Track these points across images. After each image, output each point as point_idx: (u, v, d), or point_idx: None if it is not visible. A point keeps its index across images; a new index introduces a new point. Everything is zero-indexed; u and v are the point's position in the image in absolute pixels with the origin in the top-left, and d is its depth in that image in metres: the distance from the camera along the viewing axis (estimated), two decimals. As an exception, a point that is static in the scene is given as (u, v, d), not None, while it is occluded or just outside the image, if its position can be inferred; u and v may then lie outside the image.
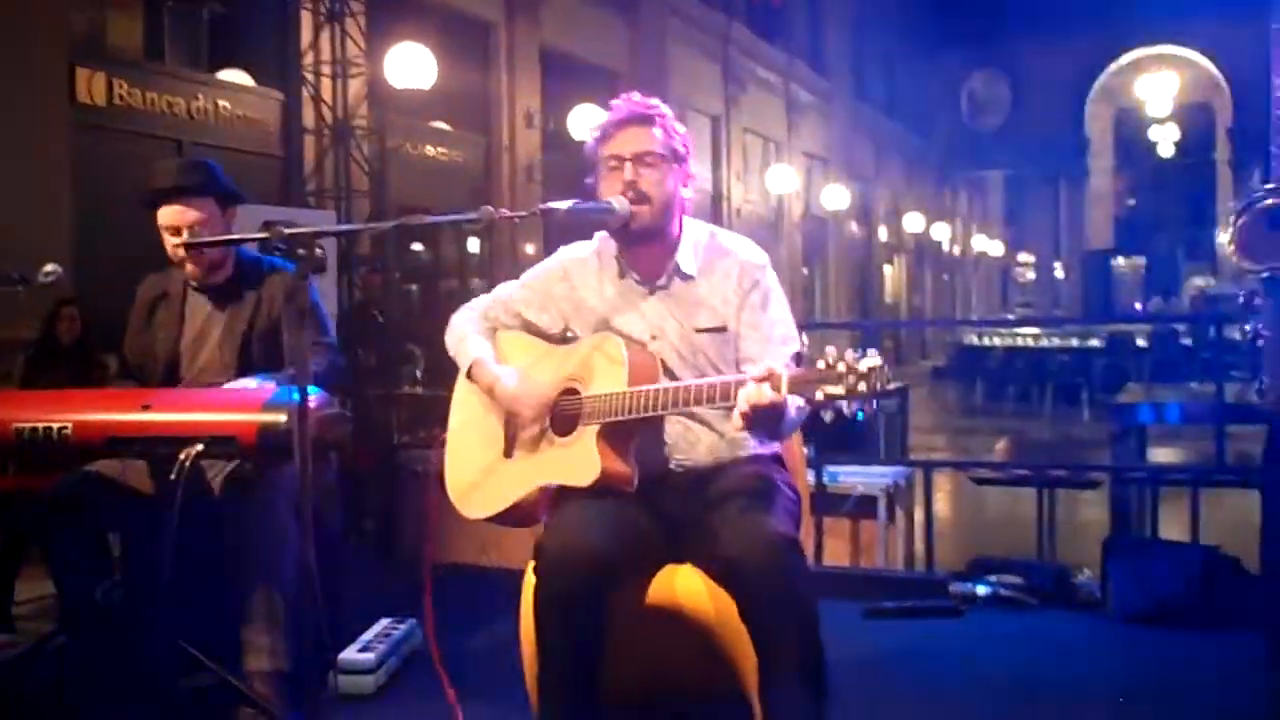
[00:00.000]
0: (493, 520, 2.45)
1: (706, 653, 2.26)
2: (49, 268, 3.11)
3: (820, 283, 20.40)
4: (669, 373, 2.33)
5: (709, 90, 15.45)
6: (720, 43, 15.76)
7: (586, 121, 11.79)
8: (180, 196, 3.01)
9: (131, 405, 2.71)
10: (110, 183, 6.61)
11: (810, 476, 4.38)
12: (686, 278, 2.39)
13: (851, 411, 1.94)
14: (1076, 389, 13.52)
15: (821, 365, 1.93)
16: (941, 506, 6.83)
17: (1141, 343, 13.93)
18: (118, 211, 6.30)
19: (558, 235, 2.56)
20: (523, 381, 2.41)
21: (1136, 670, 3.34)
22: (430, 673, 3.15)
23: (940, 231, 27.39)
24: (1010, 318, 26.15)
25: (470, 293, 2.80)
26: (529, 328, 2.55)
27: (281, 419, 2.55)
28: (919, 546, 5.17)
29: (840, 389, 1.90)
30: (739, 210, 16.06)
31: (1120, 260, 25.67)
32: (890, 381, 1.93)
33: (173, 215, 3.01)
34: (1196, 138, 26.63)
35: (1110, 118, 28.21)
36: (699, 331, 2.36)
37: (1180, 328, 13.76)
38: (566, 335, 2.50)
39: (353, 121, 8.25)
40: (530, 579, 2.22)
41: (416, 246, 10.89)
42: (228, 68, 8.33)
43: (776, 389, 1.96)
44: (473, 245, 11.46)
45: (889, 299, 25.04)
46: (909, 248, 26.33)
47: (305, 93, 8.35)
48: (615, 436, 2.23)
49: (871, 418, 5.99)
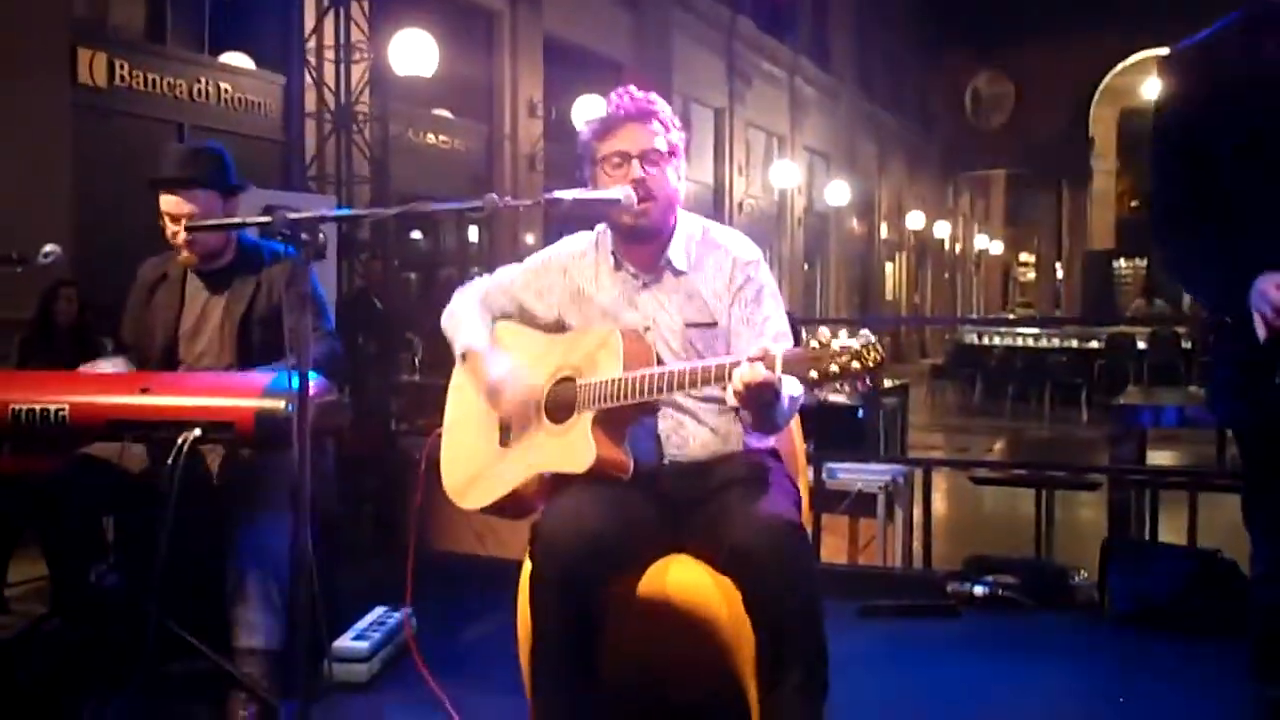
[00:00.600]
0: (489, 511, 2.44)
1: (702, 642, 2.25)
2: (48, 248, 3.08)
3: (821, 279, 20.42)
4: (663, 366, 2.31)
5: (713, 83, 15.43)
6: (725, 36, 15.74)
7: (589, 112, 11.78)
8: (179, 187, 3.01)
9: (129, 388, 2.69)
10: (111, 164, 6.60)
11: (809, 474, 4.37)
12: (678, 272, 2.38)
13: (847, 392, 1.90)
14: (1076, 389, 13.50)
15: (815, 345, 1.92)
16: (940, 505, 6.82)
17: (1142, 344, 13.90)
18: (118, 193, 6.31)
19: (559, 225, 2.55)
20: (509, 372, 2.40)
21: (1133, 673, 3.33)
22: (425, 662, 3.14)
23: (942, 230, 27.43)
24: (1010, 317, 26.14)
25: (469, 281, 2.79)
26: (525, 314, 2.54)
27: (280, 405, 2.54)
28: (917, 545, 5.16)
29: (834, 366, 1.89)
30: (741, 204, 16.05)
31: (1122, 261, 25.59)
32: (884, 358, 1.92)
33: (170, 205, 3.01)
34: (1200, 141, 26.49)
35: (1114, 119, 28.15)
36: (689, 326, 2.36)
37: (1180, 330, 13.72)
38: (562, 325, 2.49)
39: (355, 107, 8.22)
40: (528, 564, 2.20)
41: (416, 235, 10.88)
42: (230, 51, 8.32)
43: (770, 368, 1.96)
44: (473, 234, 11.46)
45: (890, 296, 25.05)
46: (910, 245, 26.36)
47: (308, 77, 8.33)
48: (610, 423, 2.23)
49: (871, 414, 5.96)
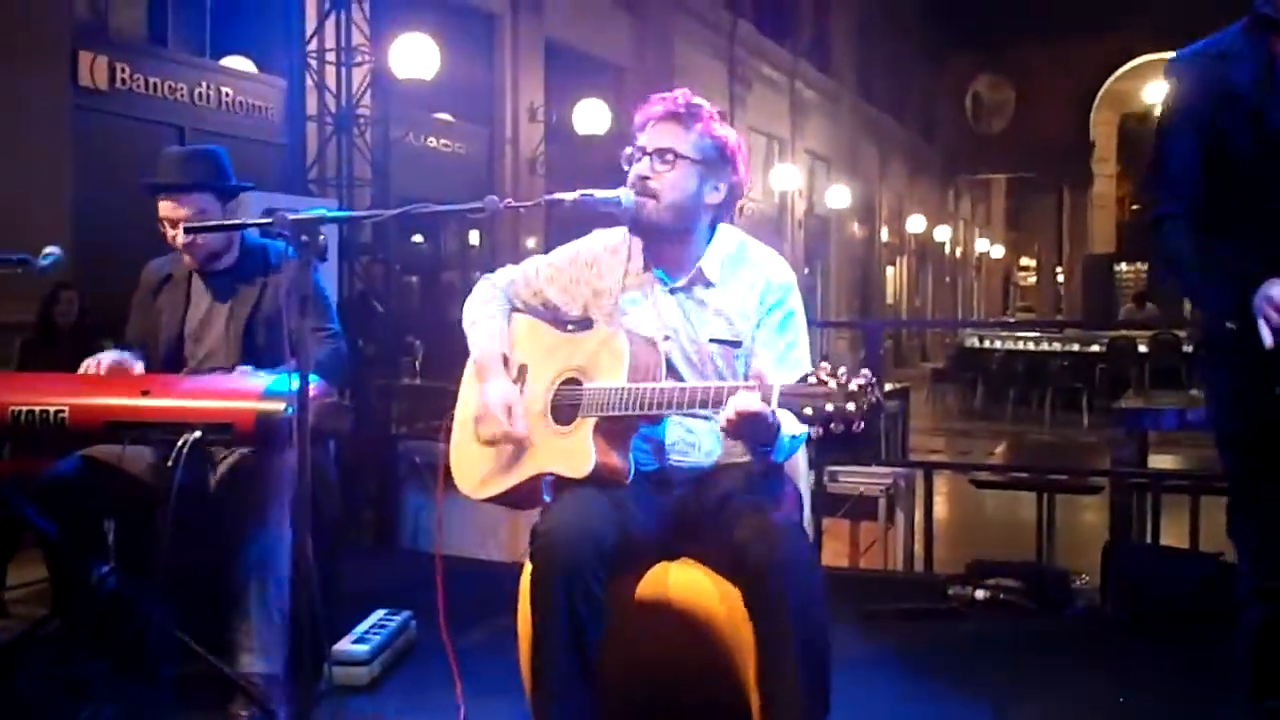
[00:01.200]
0: (493, 502, 2.43)
1: (703, 646, 2.24)
2: (48, 251, 3.07)
3: (822, 282, 20.40)
4: (676, 376, 2.29)
5: (714, 87, 15.42)
6: (726, 40, 15.74)
7: (590, 115, 11.63)
8: (176, 191, 3.02)
9: (130, 391, 2.68)
10: (111, 167, 6.59)
11: (810, 477, 4.36)
12: (708, 283, 2.35)
13: (839, 432, 1.88)
14: (1077, 393, 13.50)
15: (812, 380, 1.90)
16: (941, 509, 6.81)
17: (1143, 348, 13.90)
18: (118, 196, 6.29)
19: (561, 227, 2.54)
20: (501, 397, 2.34)
21: (1135, 677, 3.32)
22: (425, 665, 3.14)
23: (943, 233, 27.43)
24: (1011, 321, 26.12)
25: (470, 285, 2.77)
26: (549, 306, 2.51)
27: (280, 407, 2.54)
28: (918, 549, 5.16)
29: (829, 406, 1.87)
30: (741, 208, 15.99)
31: (1123, 265, 25.61)
32: (881, 401, 1.90)
33: (167, 209, 3.03)
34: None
35: (1115, 123, 28.18)
36: (711, 341, 2.33)
37: (1181, 334, 13.70)
38: (582, 319, 2.46)
39: (356, 110, 8.22)
40: (528, 566, 2.20)
41: (417, 238, 10.87)
42: (231, 54, 8.31)
43: (766, 400, 1.94)
44: (474, 238, 11.45)
45: (890, 300, 25.05)
46: (911, 249, 26.35)
47: (309, 80, 8.31)
48: (611, 430, 2.22)
49: (872, 418, 5.96)
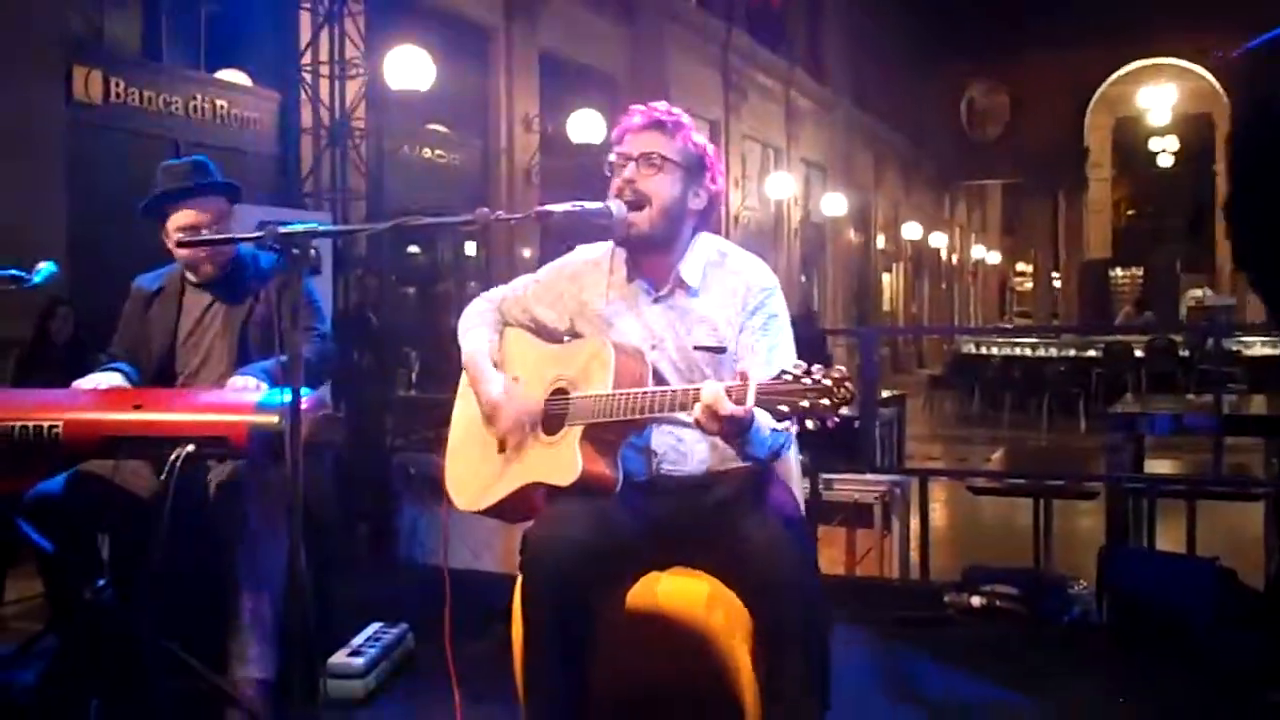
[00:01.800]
0: (486, 514, 2.44)
1: (691, 656, 2.24)
2: (41, 266, 3.08)
3: (818, 290, 20.41)
4: (664, 384, 2.28)
5: (709, 96, 15.46)
6: (720, 49, 15.77)
7: (585, 126, 11.60)
8: (192, 197, 3.03)
9: (123, 405, 2.69)
10: (106, 181, 6.60)
11: (806, 485, 4.36)
12: (689, 290, 2.35)
13: (815, 427, 1.89)
14: (1074, 398, 13.51)
15: (788, 377, 1.91)
16: (938, 516, 6.81)
17: (1139, 353, 13.93)
18: (113, 210, 6.30)
19: (555, 239, 2.54)
20: (504, 393, 2.39)
21: (1131, 682, 3.31)
22: (421, 678, 3.13)
23: (939, 240, 27.45)
24: (1008, 327, 26.15)
25: (466, 297, 2.79)
26: (537, 323, 2.52)
27: (273, 420, 2.54)
28: (914, 556, 5.15)
29: (804, 402, 1.88)
30: (737, 216, 16.06)
31: (1118, 270, 25.67)
32: (853, 395, 1.90)
33: (189, 217, 3.02)
34: (1195, 148, 26.63)
35: (1110, 128, 28.26)
36: (697, 349, 2.33)
37: (1177, 338, 13.74)
38: (571, 334, 2.47)
39: (350, 123, 8.23)
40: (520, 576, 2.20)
41: (413, 249, 10.88)
42: (226, 67, 8.32)
43: (742, 399, 1.94)
44: (469, 249, 11.45)
45: (887, 307, 25.06)
46: (907, 256, 26.38)
47: (303, 93, 8.33)
48: (598, 439, 2.21)
49: (868, 425, 5.95)
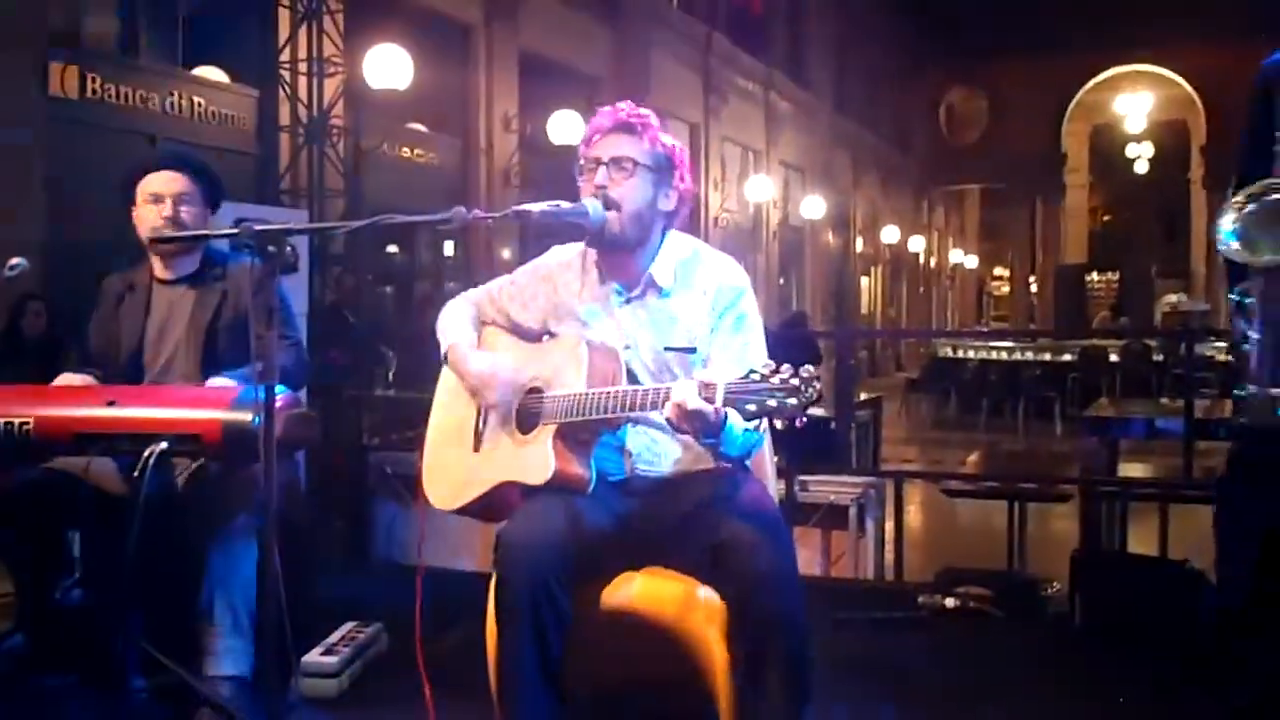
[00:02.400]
0: (462, 513, 2.44)
1: (665, 655, 2.24)
2: (14, 262, 3.06)
3: (796, 292, 20.46)
4: (637, 384, 2.29)
5: (689, 99, 15.47)
6: (701, 52, 15.79)
7: (565, 126, 11.58)
8: (173, 165, 3.03)
9: (96, 401, 2.67)
10: (82, 176, 6.55)
11: (781, 486, 4.37)
12: (661, 291, 2.36)
13: (783, 427, 1.92)
14: (1049, 402, 13.60)
15: (756, 376, 1.92)
16: (913, 518, 6.84)
17: (1114, 357, 14.04)
18: (89, 205, 6.26)
19: (533, 238, 2.55)
20: (491, 366, 2.40)
21: (1104, 684, 3.34)
22: (395, 677, 3.12)
23: (917, 244, 27.55)
24: (985, 330, 26.28)
25: (445, 296, 2.80)
26: (513, 324, 2.54)
27: (247, 418, 2.52)
28: (889, 557, 5.17)
29: (770, 400, 1.89)
30: (717, 219, 16.08)
31: (1094, 275, 25.82)
32: (820, 395, 1.92)
33: (162, 180, 3.00)
34: (1171, 155, 26.87)
35: (1086, 134, 28.46)
36: (668, 350, 2.34)
37: (1152, 343, 13.87)
38: (547, 334, 2.48)
39: (329, 121, 8.20)
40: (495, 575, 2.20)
41: (391, 249, 10.84)
42: (203, 64, 8.27)
43: (711, 398, 1.94)
44: (448, 249, 11.43)
45: (865, 310, 25.14)
46: (886, 259, 26.46)
47: (281, 91, 8.29)
48: (571, 437, 2.22)
49: (843, 427, 5.98)
